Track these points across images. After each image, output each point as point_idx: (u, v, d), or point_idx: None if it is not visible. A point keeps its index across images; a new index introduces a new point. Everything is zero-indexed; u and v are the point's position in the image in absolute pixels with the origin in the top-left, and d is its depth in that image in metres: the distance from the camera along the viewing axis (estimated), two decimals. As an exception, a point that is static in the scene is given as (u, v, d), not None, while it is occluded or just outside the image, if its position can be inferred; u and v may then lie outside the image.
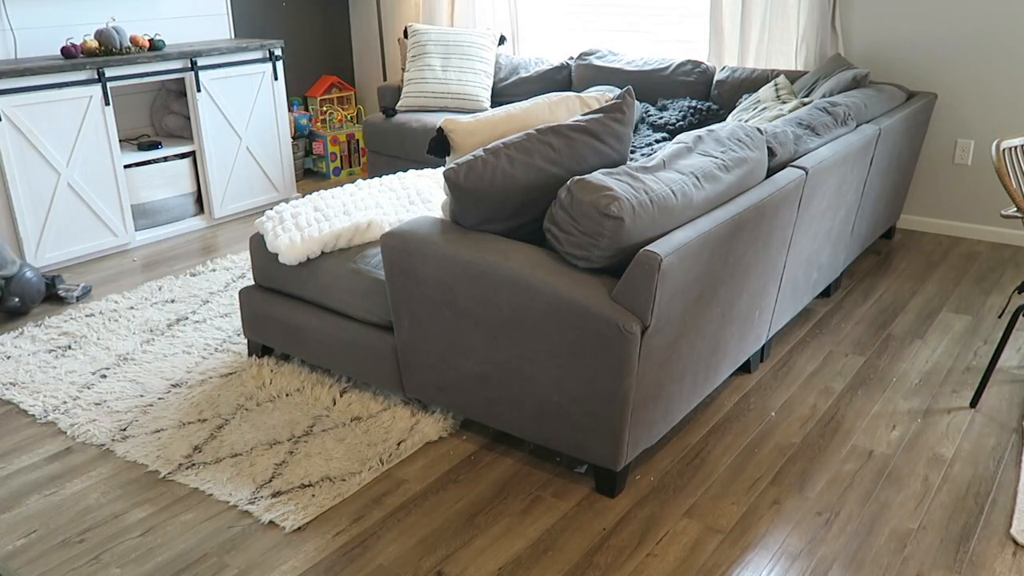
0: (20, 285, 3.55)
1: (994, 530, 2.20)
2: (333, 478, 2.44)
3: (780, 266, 2.80)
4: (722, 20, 4.56)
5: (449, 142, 2.88)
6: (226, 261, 4.14)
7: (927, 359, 3.10)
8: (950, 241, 4.28)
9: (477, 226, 2.40)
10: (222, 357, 3.17)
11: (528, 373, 2.32)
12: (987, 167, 4.19)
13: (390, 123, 4.86)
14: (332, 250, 2.83)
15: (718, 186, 2.39)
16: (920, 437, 2.62)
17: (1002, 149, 2.69)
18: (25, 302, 3.56)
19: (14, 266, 3.57)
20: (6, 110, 3.80)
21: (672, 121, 4.25)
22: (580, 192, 2.13)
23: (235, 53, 4.67)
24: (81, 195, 4.13)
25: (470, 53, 4.95)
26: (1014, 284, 3.75)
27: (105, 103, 4.14)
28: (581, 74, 4.82)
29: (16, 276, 3.56)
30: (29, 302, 3.58)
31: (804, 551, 2.14)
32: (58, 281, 3.73)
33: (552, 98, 3.11)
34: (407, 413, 2.73)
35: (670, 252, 2.07)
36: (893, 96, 3.76)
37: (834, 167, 2.97)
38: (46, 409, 2.84)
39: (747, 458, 2.53)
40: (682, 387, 2.42)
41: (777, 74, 4.24)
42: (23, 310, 3.58)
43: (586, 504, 2.33)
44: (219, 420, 2.74)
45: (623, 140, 2.52)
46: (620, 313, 2.09)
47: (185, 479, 2.45)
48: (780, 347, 3.20)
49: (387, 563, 2.12)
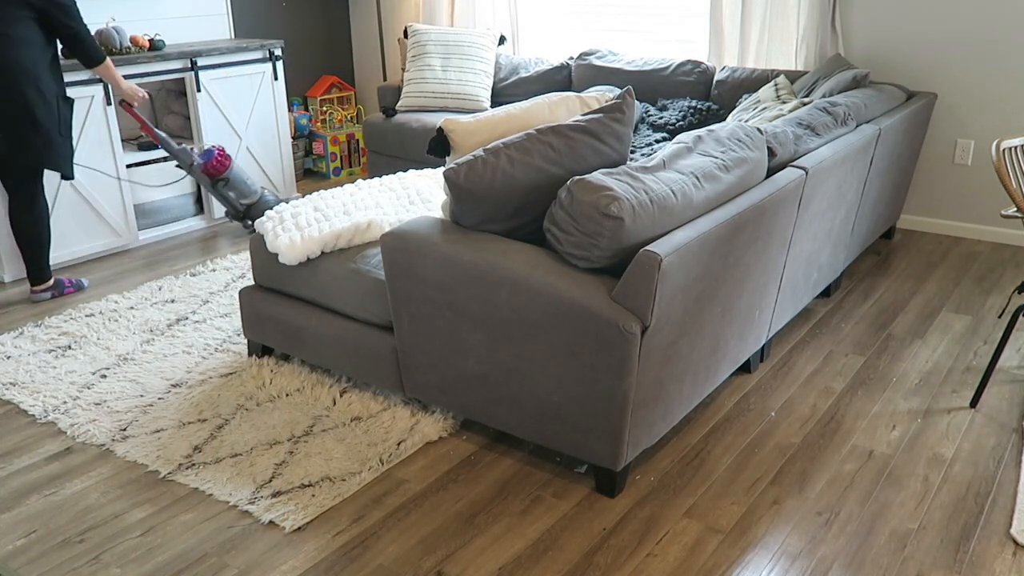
0: (257, 210, 4.24)
1: (994, 530, 2.20)
2: (333, 478, 2.44)
3: (780, 266, 2.81)
4: (722, 20, 4.56)
5: (449, 142, 2.88)
6: (226, 261, 4.14)
7: (927, 359, 3.10)
8: (950, 241, 4.28)
9: (477, 226, 2.40)
10: (222, 357, 3.17)
11: (528, 373, 2.32)
12: (987, 167, 4.19)
13: (390, 123, 4.86)
14: (332, 250, 2.83)
15: (718, 186, 2.39)
16: (920, 437, 2.62)
17: (1002, 149, 2.69)
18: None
19: (256, 196, 4.27)
20: (6, 110, 3.80)
21: (672, 121, 4.25)
22: (580, 192, 2.13)
23: (235, 53, 4.67)
24: (84, 195, 4.13)
25: (470, 53, 4.95)
26: (1014, 284, 3.75)
27: (107, 103, 4.14)
28: (581, 74, 4.82)
29: (257, 204, 4.26)
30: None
31: (804, 551, 2.14)
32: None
33: (552, 98, 3.11)
34: (407, 413, 2.73)
35: (670, 252, 2.07)
36: (893, 96, 3.76)
37: (834, 167, 2.97)
38: (46, 409, 2.84)
39: (747, 458, 2.53)
40: (682, 387, 2.42)
41: (777, 74, 4.24)
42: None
43: (586, 504, 2.33)
44: (219, 420, 2.75)
45: (623, 140, 2.52)
46: (620, 313, 2.09)
47: (185, 479, 2.45)
48: (780, 347, 3.20)
49: (387, 563, 2.12)
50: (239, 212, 4.31)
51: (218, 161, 4.13)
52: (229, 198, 4.25)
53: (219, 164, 4.14)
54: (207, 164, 4.12)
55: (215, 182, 4.18)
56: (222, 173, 4.15)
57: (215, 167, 4.13)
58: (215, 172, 4.15)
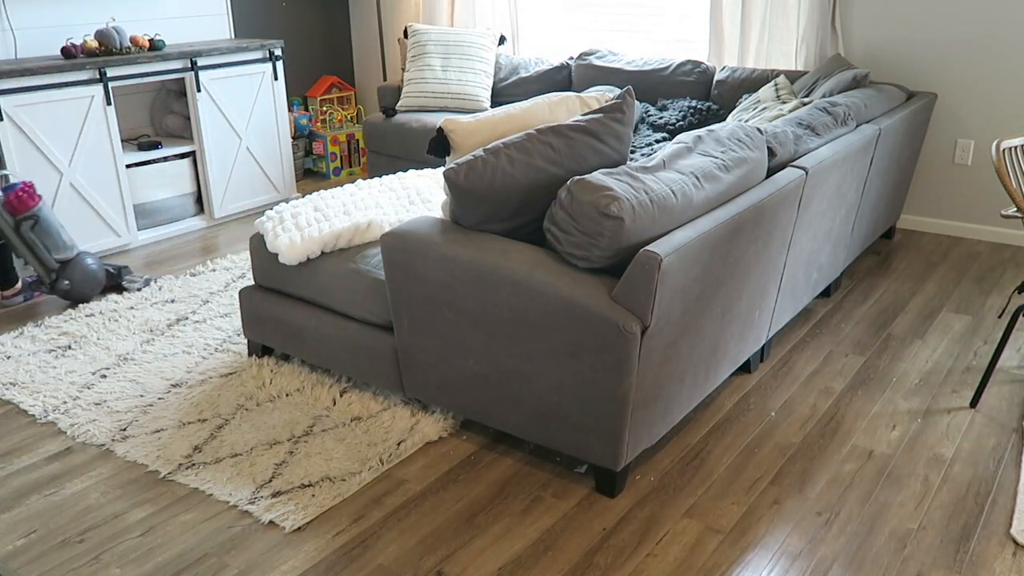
0: (76, 270, 3.61)
1: (994, 530, 2.20)
2: (333, 478, 2.44)
3: (780, 266, 2.81)
4: (722, 20, 4.56)
5: (449, 142, 2.88)
6: (226, 261, 4.14)
7: (927, 359, 3.10)
8: (950, 241, 4.28)
9: (477, 226, 2.40)
10: (222, 357, 3.17)
11: (528, 373, 2.32)
12: (987, 167, 4.19)
13: (390, 123, 4.86)
14: (332, 250, 2.83)
15: (718, 186, 2.39)
16: (920, 437, 2.62)
17: (1002, 149, 2.69)
18: (76, 287, 3.59)
19: (71, 251, 3.63)
20: (8, 110, 3.80)
21: (672, 121, 4.25)
22: (580, 192, 2.13)
23: (235, 53, 4.67)
24: (83, 195, 4.13)
25: (470, 53, 4.95)
26: (1014, 284, 3.75)
27: (107, 103, 4.14)
28: (581, 74, 4.82)
29: (73, 260, 3.62)
30: (86, 289, 3.63)
31: (804, 551, 2.14)
32: (124, 272, 3.82)
33: (552, 98, 3.11)
34: (407, 413, 2.73)
35: (670, 252, 2.07)
36: (893, 96, 3.76)
37: (834, 167, 2.97)
38: (46, 409, 2.84)
39: (747, 458, 2.53)
40: (682, 387, 2.42)
41: (777, 74, 4.24)
42: (76, 296, 3.63)
43: (586, 504, 2.33)
44: (219, 420, 2.75)
45: (623, 140, 2.52)
46: (620, 313, 2.09)
47: (185, 479, 2.45)
48: (780, 347, 3.20)
49: (387, 563, 2.12)
50: (49, 271, 3.59)
51: (20, 195, 3.49)
52: (36, 250, 3.54)
53: (21, 199, 3.49)
54: (7, 197, 3.51)
55: (18, 222, 3.50)
56: (26, 211, 3.50)
57: (14, 203, 3.49)
58: (15, 209, 3.50)
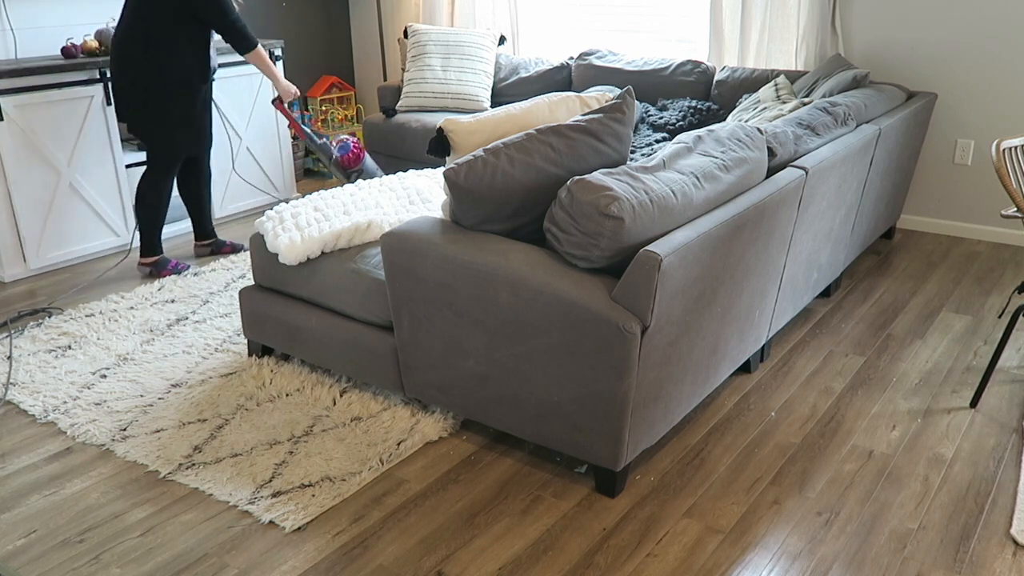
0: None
1: (994, 530, 2.20)
2: (333, 478, 2.44)
3: (780, 266, 2.81)
4: (722, 20, 4.56)
5: (449, 142, 2.88)
6: (226, 261, 4.14)
7: (927, 359, 3.10)
8: (950, 241, 4.29)
9: (477, 226, 2.40)
10: (222, 357, 3.17)
11: (528, 373, 2.32)
12: (987, 167, 4.19)
13: (390, 123, 4.86)
14: (332, 250, 2.83)
15: (718, 186, 2.39)
16: (920, 437, 2.62)
17: (1002, 149, 2.69)
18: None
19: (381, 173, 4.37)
20: (7, 110, 3.80)
21: (672, 121, 4.25)
22: (580, 192, 2.13)
23: (234, 53, 4.66)
24: (83, 195, 4.13)
25: (470, 53, 4.95)
26: (1014, 284, 3.75)
27: (107, 103, 4.14)
28: (581, 74, 4.82)
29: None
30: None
31: (804, 551, 2.14)
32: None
33: (552, 98, 3.11)
34: (407, 413, 2.73)
35: (670, 252, 2.07)
36: (893, 96, 3.76)
37: (834, 167, 2.97)
38: (46, 409, 2.84)
39: (747, 458, 2.53)
40: (682, 387, 2.42)
41: (777, 74, 4.24)
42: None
43: (586, 504, 2.33)
44: (219, 420, 2.75)
45: (623, 140, 2.52)
46: (620, 313, 2.09)
47: (185, 479, 2.45)
48: (780, 347, 3.20)
49: (387, 563, 2.12)
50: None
51: (353, 154, 4.26)
52: None
53: (354, 157, 4.27)
54: (343, 157, 4.25)
55: (349, 174, 4.28)
56: (356, 166, 4.28)
57: (350, 160, 4.26)
58: (350, 165, 4.27)
